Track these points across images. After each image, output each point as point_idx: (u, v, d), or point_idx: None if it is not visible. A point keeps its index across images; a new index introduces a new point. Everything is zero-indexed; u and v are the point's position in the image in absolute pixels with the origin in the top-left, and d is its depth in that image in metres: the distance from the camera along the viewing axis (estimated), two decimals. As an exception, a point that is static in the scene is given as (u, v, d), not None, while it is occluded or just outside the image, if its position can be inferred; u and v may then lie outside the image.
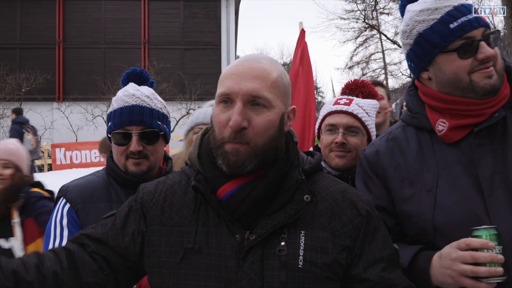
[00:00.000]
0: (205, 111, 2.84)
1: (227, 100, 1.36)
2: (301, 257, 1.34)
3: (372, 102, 2.38)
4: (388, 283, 1.40)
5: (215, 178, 1.40)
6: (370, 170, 1.76)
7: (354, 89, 2.45)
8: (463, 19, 1.52)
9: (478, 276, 1.41)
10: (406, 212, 1.65)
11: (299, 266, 1.33)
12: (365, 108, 2.32)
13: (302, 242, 1.35)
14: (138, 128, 1.98)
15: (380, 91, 3.33)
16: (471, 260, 1.41)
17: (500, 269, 1.40)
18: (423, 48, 1.60)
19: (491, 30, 1.53)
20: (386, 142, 1.75)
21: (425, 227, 1.59)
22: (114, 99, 2.08)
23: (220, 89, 1.38)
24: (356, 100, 2.34)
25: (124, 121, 1.97)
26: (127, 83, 2.13)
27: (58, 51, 20.28)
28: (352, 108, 2.29)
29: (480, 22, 1.52)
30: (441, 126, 1.61)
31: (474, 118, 1.56)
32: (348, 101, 2.33)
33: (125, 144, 1.97)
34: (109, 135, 2.03)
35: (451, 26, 1.53)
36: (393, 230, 1.67)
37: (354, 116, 2.28)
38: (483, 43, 1.50)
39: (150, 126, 2.00)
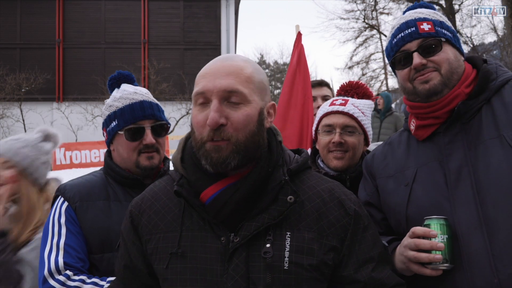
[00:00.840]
0: (4, 143, 2.49)
1: (203, 99, 1.36)
2: (286, 259, 1.33)
3: (367, 102, 2.43)
4: (378, 283, 1.40)
5: (198, 182, 1.39)
6: (366, 170, 1.93)
7: (349, 90, 2.49)
8: (400, 35, 1.74)
9: (420, 261, 1.52)
10: (387, 205, 1.79)
11: (285, 268, 1.32)
12: (360, 108, 2.36)
13: (287, 243, 1.34)
14: (150, 121, 2.03)
15: (327, 91, 3.42)
16: (414, 247, 1.53)
17: (438, 256, 1.49)
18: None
19: (429, 40, 1.68)
20: (383, 146, 1.93)
21: (400, 218, 1.72)
22: (111, 100, 2.08)
23: (195, 89, 1.39)
24: (351, 100, 2.38)
25: (137, 116, 2.00)
26: (118, 86, 2.14)
27: (58, 51, 20.28)
28: (348, 108, 2.34)
29: (413, 36, 1.70)
30: (412, 125, 1.80)
31: (433, 120, 1.72)
32: (343, 101, 2.38)
33: (138, 139, 2.00)
34: (119, 132, 2.01)
35: (393, 42, 1.77)
36: (381, 223, 1.83)
37: (350, 116, 2.32)
38: (415, 54, 1.68)
39: (160, 119, 2.06)
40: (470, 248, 1.54)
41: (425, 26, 1.70)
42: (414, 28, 1.70)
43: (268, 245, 1.32)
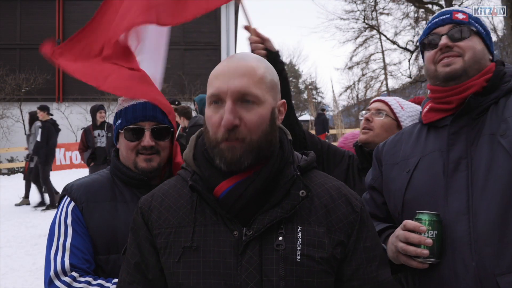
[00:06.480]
0: None
1: (217, 100, 1.38)
2: (298, 251, 1.36)
3: (415, 106, 2.73)
4: (376, 285, 1.43)
5: (211, 177, 1.42)
6: (375, 156, 2.03)
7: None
8: (435, 20, 1.84)
9: (408, 254, 1.59)
10: (388, 190, 1.87)
11: (297, 260, 1.35)
12: (401, 103, 2.68)
13: (299, 236, 1.37)
14: (151, 123, 2.02)
15: None
16: (404, 239, 1.60)
17: (425, 251, 1.55)
18: None
19: (460, 26, 1.78)
20: (395, 135, 2.02)
21: (397, 203, 1.79)
22: (121, 99, 2.11)
23: (209, 91, 1.40)
24: (397, 98, 2.75)
25: (137, 117, 2.01)
26: None
27: (58, 51, 20.28)
28: (388, 99, 2.71)
29: (445, 21, 1.80)
30: (426, 108, 1.88)
31: (444, 105, 1.79)
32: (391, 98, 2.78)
33: (137, 140, 2.00)
34: (120, 130, 2.03)
35: (427, 26, 1.87)
36: (382, 207, 1.91)
37: (385, 103, 2.68)
38: (444, 36, 1.77)
39: (162, 122, 2.05)
40: (455, 234, 1.60)
41: (460, 15, 1.80)
42: (449, 15, 1.81)
43: (280, 238, 1.36)
